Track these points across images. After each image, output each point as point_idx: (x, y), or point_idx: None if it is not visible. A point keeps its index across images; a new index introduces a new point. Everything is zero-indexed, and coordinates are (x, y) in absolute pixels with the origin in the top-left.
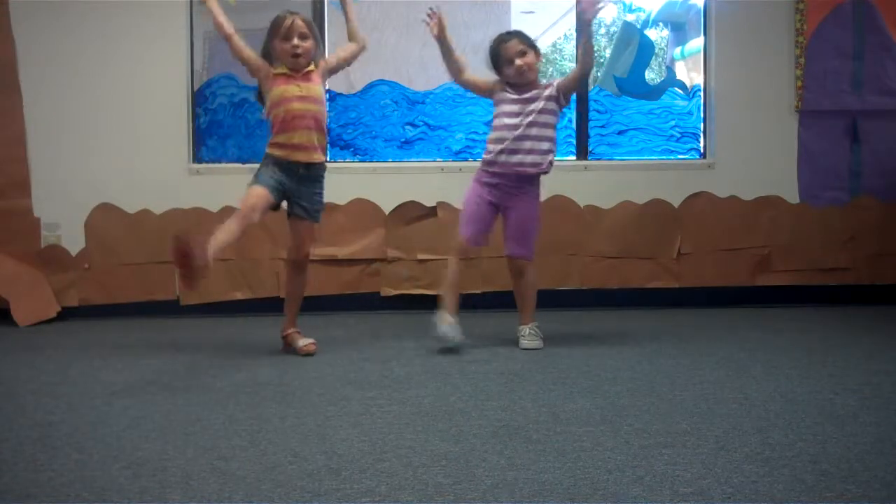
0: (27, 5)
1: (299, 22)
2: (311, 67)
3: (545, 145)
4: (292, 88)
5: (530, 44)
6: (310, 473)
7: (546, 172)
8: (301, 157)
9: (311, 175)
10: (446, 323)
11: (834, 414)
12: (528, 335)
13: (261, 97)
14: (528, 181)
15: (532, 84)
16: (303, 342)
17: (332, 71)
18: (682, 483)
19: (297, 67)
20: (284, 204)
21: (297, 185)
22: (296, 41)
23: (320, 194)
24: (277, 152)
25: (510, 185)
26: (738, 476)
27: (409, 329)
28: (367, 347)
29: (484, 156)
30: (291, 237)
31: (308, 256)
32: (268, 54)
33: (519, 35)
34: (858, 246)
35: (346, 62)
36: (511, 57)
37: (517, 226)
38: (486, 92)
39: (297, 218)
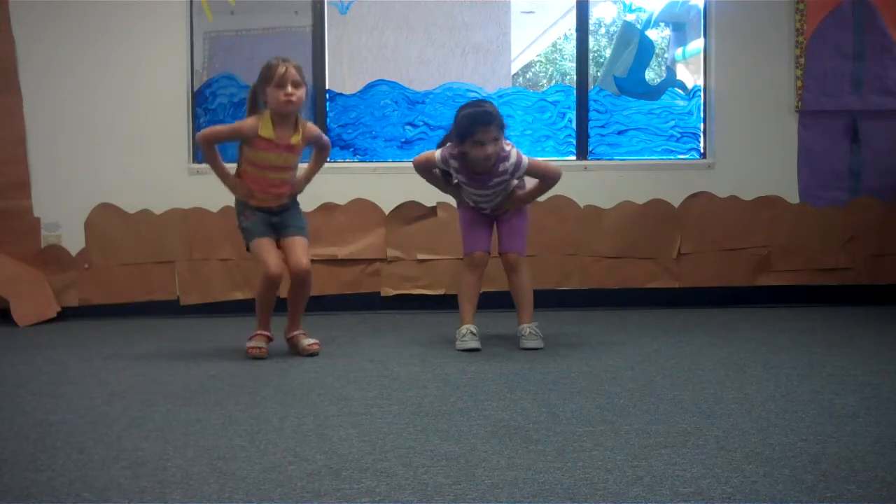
0: (27, 5)
1: (293, 70)
2: (297, 139)
3: (508, 192)
4: (273, 158)
5: (502, 126)
6: (310, 473)
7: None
8: (273, 204)
9: (287, 205)
10: (468, 338)
11: (834, 414)
12: (529, 335)
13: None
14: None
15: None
16: (306, 342)
17: (309, 143)
18: (682, 483)
19: (287, 114)
20: None
21: (279, 214)
22: (289, 89)
23: (298, 213)
24: (252, 202)
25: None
26: (738, 476)
27: (409, 329)
28: (367, 347)
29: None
30: (288, 256)
31: (308, 269)
32: (255, 100)
33: (498, 117)
34: (858, 246)
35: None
36: (483, 141)
37: (507, 225)
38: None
39: (289, 237)
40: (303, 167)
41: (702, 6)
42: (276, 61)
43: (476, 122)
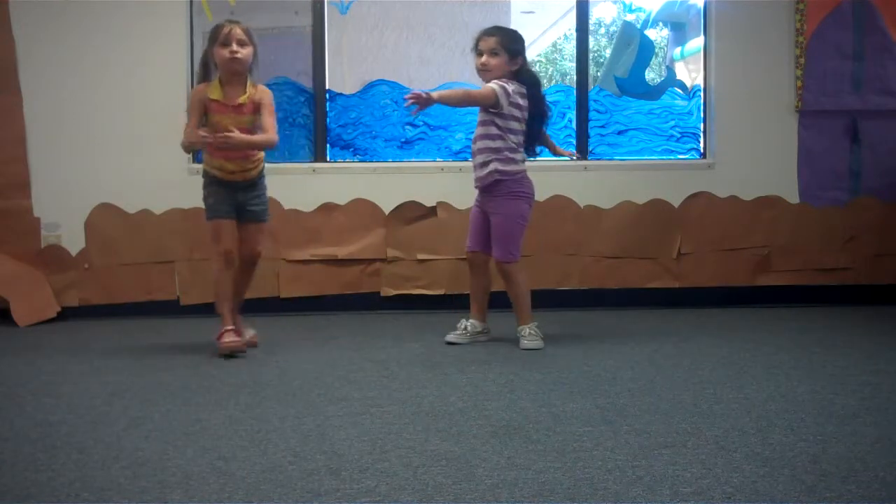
0: (27, 5)
1: (238, 30)
2: (244, 99)
3: (481, 158)
4: (225, 120)
5: (509, 49)
6: (310, 473)
7: (497, 182)
8: (238, 177)
9: (251, 183)
10: (457, 331)
11: (834, 414)
12: (529, 335)
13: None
14: (489, 189)
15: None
16: (228, 338)
17: (258, 109)
18: (682, 483)
19: (234, 73)
20: None
21: (243, 193)
22: (234, 47)
23: (263, 195)
24: (216, 172)
25: (483, 195)
26: (738, 476)
27: (409, 329)
28: (367, 347)
29: None
30: (243, 241)
31: (260, 255)
32: (207, 64)
33: (502, 34)
34: (858, 246)
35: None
36: (481, 50)
37: (494, 229)
38: None
39: (247, 221)
40: None
41: (701, 6)
42: (223, 22)
43: (482, 31)
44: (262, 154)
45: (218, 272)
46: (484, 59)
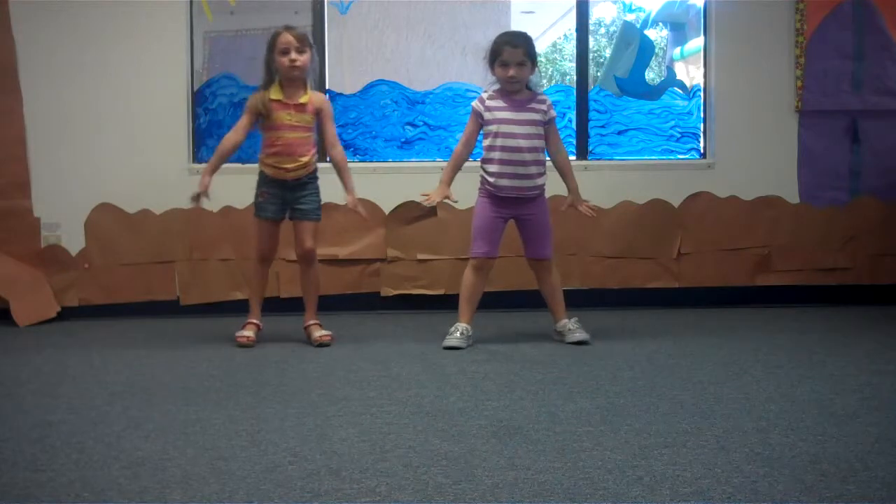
0: (27, 5)
1: (291, 38)
2: (306, 98)
3: (541, 155)
4: (284, 116)
5: (532, 57)
6: (310, 473)
7: (541, 194)
8: (290, 176)
9: (302, 183)
10: (454, 336)
11: (834, 414)
12: (577, 329)
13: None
14: (530, 199)
15: (520, 93)
16: (318, 333)
17: (318, 115)
18: (682, 483)
19: (294, 78)
20: None
21: (292, 192)
22: (293, 55)
23: (314, 195)
24: (269, 170)
25: (521, 199)
26: (738, 476)
27: (409, 329)
28: (367, 347)
29: (487, 175)
30: (295, 238)
31: (311, 251)
32: (270, 70)
33: (528, 44)
34: (858, 246)
35: (322, 133)
36: (508, 62)
37: (537, 231)
38: (478, 126)
39: (297, 220)
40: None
41: (701, 6)
42: (280, 30)
43: (504, 41)
44: (313, 155)
45: (252, 267)
46: (513, 71)
